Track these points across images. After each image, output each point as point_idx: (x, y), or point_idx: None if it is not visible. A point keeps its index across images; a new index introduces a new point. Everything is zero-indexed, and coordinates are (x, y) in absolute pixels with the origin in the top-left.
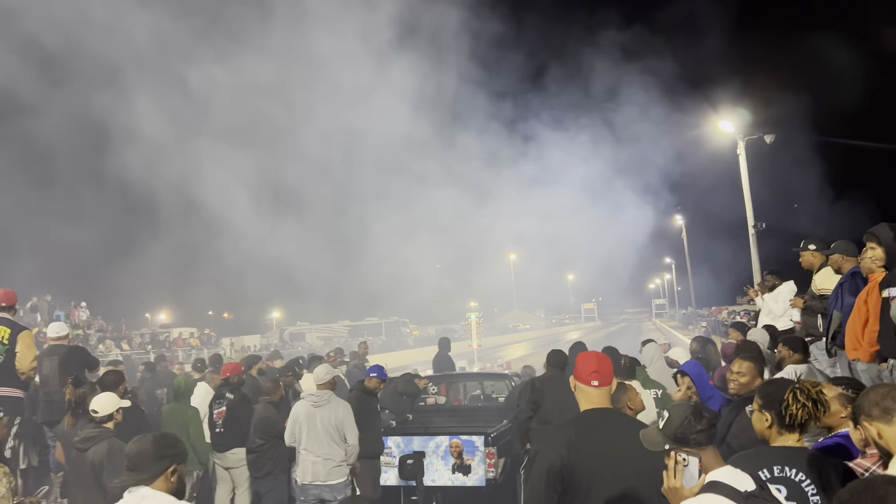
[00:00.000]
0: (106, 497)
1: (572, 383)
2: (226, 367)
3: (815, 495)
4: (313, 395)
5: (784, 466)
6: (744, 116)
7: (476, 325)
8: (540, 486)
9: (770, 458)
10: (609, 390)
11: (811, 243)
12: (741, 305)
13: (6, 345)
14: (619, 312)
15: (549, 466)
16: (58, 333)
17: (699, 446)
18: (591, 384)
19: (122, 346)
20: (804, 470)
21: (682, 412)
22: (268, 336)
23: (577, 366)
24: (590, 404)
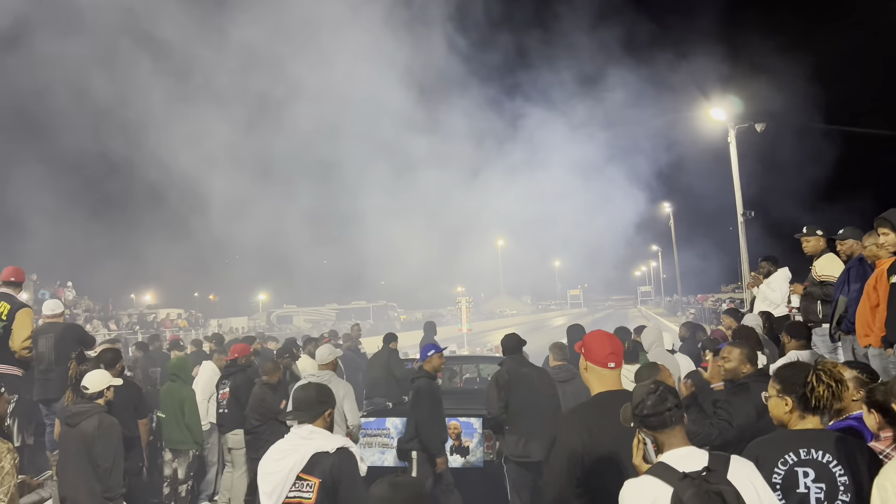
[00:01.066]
0: (96, 472)
1: (583, 364)
2: (234, 348)
3: (843, 475)
4: (314, 375)
5: (811, 449)
6: (735, 104)
7: (466, 309)
8: (561, 471)
9: (796, 442)
10: (620, 372)
11: (818, 229)
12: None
13: (4, 321)
14: (605, 299)
15: (570, 452)
16: (52, 311)
17: (652, 428)
18: (608, 366)
19: (110, 326)
20: (832, 451)
21: (641, 392)
22: (255, 318)
23: (591, 347)
24: (603, 386)
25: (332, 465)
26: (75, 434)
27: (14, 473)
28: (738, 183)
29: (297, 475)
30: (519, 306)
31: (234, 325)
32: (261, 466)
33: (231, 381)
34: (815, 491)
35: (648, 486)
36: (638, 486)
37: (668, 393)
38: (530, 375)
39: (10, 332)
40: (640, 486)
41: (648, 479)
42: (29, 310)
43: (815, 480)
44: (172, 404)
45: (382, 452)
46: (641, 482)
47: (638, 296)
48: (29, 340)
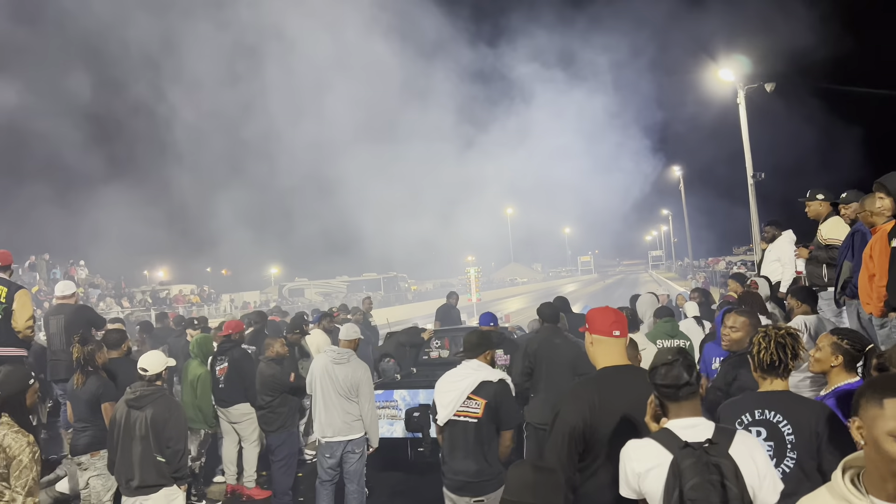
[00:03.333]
0: (164, 453)
1: (588, 339)
2: (227, 325)
3: (791, 434)
4: (335, 350)
5: (765, 409)
6: (744, 64)
7: (475, 279)
8: (562, 445)
9: (753, 403)
10: (626, 342)
11: (819, 192)
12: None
13: (3, 303)
14: (616, 265)
15: (571, 428)
16: (63, 292)
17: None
18: (612, 334)
19: (123, 303)
20: (782, 411)
21: (658, 360)
22: (267, 292)
23: (594, 319)
24: (609, 359)
25: (496, 391)
26: (141, 416)
27: (33, 467)
28: (747, 144)
29: (468, 395)
30: (530, 274)
31: (247, 299)
32: (439, 386)
33: (228, 357)
34: (766, 449)
35: (650, 450)
36: (640, 449)
37: (684, 368)
38: (562, 346)
39: (11, 314)
40: (642, 448)
41: (651, 443)
42: (27, 291)
43: (767, 439)
44: (187, 381)
45: (391, 424)
46: (644, 445)
47: (649, 260)
48: (31, 320)
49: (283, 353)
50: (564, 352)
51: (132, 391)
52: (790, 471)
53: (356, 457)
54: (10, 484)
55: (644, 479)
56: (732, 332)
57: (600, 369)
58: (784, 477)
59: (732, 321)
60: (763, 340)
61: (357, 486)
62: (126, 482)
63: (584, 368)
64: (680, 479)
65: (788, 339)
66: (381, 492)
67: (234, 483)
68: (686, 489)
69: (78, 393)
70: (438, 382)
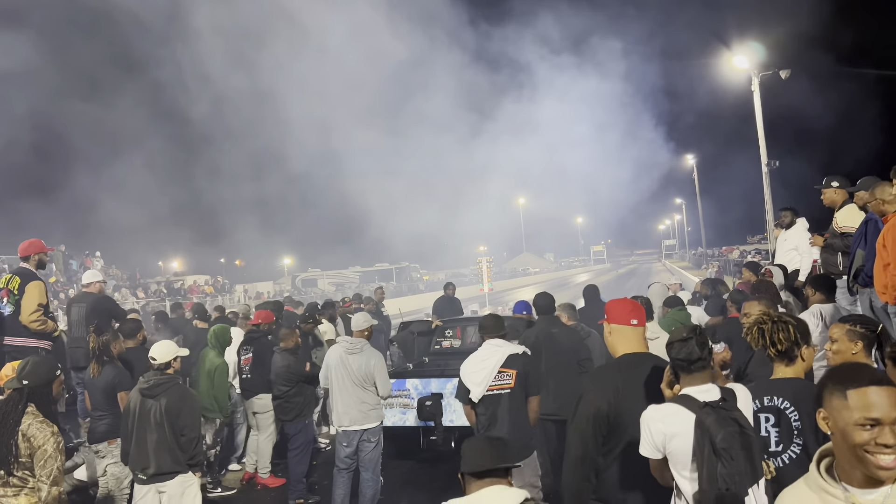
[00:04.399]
0: (178, 441)
1: (607, 329)
2: (258, 314)
3: (797, 420)
4: (348, 341)
5: (773, 396)
6: (758, 51)
7: (487, 269)
8: (586, 429)
9: (763, 390)
10: (645, 330)
11: (834, 180)
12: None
13: (16, 295)
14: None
15: (595, 411)
16: (87, 281)
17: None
18: (630, 323)
19: (138, 294)
20: (789, 398)
21: (674, 336)
22: (280, 283)
23: (612, 310)
24: (628, 346)
25: (524, 361)
26: (156, 405)
27: (58, 456)
28: (762, 132)
29: (499, 369)
30: (542, 264)
31: (260, 289)
32: (467, 368)
33: (255, 347)
34: (774, 435)
35: (673, 412)
36: (663, 412)
37: (697, 345)
38: (560, 336)
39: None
40: (665, 411)
41: (673, 406)
42: (38, 282)
43: (774, 425)
44: (203, 370)
45: (403, 413)
46: (666, 408)
47: (662, 250)
48: (36, 313)
49: (297, 343)
50: (563, 341)
51: (145, 380)
52: (796, 456)
53: (372, 445)
54: (35, 473)
55: (671, 438)
56: (746, 318)
57: (620, 356)
58: (791, 463)
59: (748, 308)
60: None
61: (372, 475)
62: (142, 470)
63: (584, 354)
64: (709, 434)
65: (769, 325)
66: (395, 480)
67: (251, 472)
68: (717, 441)
69: (94, 382)
70: (464, 365)
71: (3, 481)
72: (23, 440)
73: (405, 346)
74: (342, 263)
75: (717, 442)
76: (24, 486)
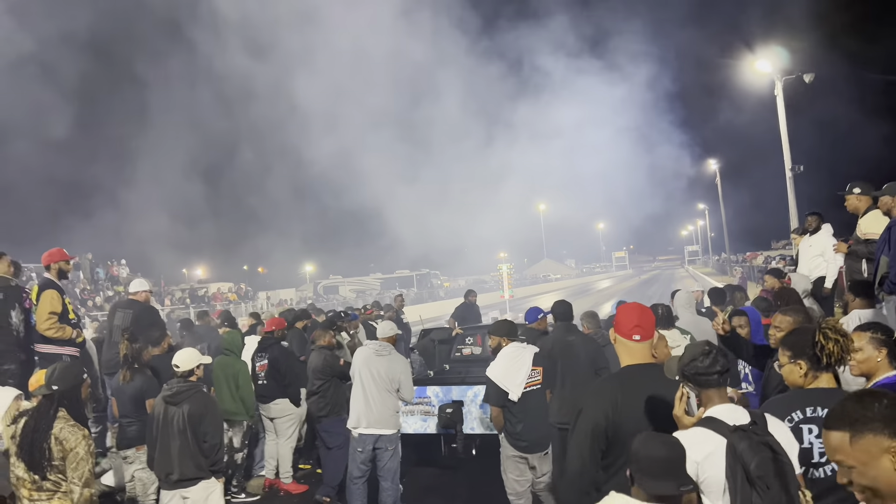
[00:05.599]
0: (201, 447)
1: (612, 336)
2: (270, 322)
3: None
4: (377, 343)
5: (816, 406)
6: (781, 55)
7: (507, 275)
8: (584, 443)
9: (804, 400)
10: (651, 344)
11: (856, 186)
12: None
13: (35, 304)
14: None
15: (594, 425)
16: (134, 289)
17: (700, 386)
18: (632, 338)
19: (165, 302)
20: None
21: (695, 352)
22: (302, 289)
23: (619, 319)
24: (631, 359)
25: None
26: (179, 412)
27: (89, 459)
28: (785, 137)
29: (531, 368)
30: (563, 270)
31: (283, 296)
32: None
33: (269, 354)
34: (818, 446)
35: (704, 438)
36: (693, 437)
37: (719, 356)
38: (576, 343)
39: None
40: (694, 436)
41: (702, 430)
42: (51, 291)
43: (818, 436)
44: (226, 377)
45: (424, 420)
46: (696, 434)
47: (685, 256)
48: (49, 321)
49: (332, 342)
50: (580, 349)
51: (169, 387)
52: None
53: (389, 453)
54: (66, 476)
55: (703, 465)
56: (777, 331)
57: (623, 367)
58: (833, 474)
59: (778, 320)
60: (831, 333)
61: (391, 484)
62: (166, 476)
63: (602, 363)
64: (742, 460)
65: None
66: (415, 488)
67: (272, 478)
68: (751, 469)
69: (123, 388)
70: (497, 368)
71: (36, 485)
72: (55, 443)
73: (426, 354)
74: (363, 270)
75: (751, 470)
76: (58, 489)
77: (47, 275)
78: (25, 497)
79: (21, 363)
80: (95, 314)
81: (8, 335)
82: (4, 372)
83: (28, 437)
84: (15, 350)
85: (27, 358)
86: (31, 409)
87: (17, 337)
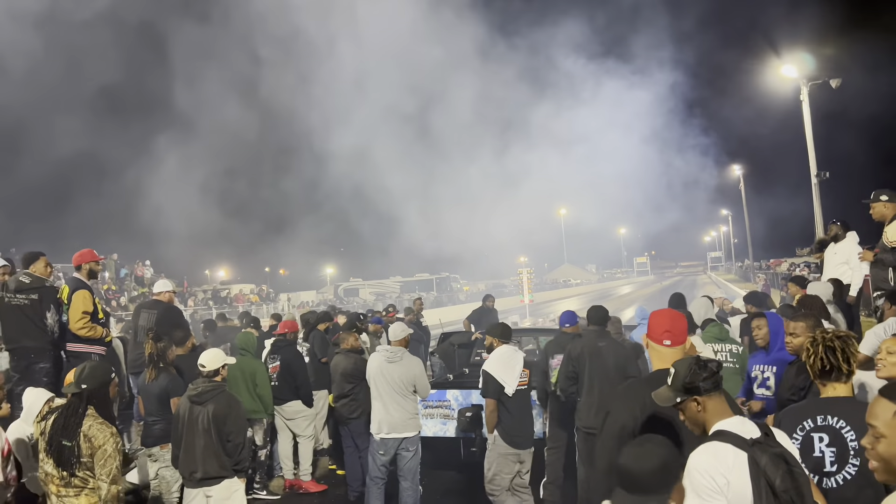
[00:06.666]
0: (225, 447)
1: (644, 341)
2: (283, 324)
3: (854, 441)
4: (388, 350)
5: (827, 415)
6: (807, 61)
7: (527, 280)
8: (612, 444)
9: (815, 409)
10: (683, 349)
11: (883, 194)
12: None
13: (66, 304)
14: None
15: (622, 426)
16: (158, 290)
17: (708, 393)
18: (663, 343)
19: (188, 303)
20: (846, 417)
21: (687, 364)
22: (323, 292)
23: (650, 324)
24: (662, 364)
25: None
26: (203, 411)
27: (116, 456)
28: (811, 143)
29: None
30: (584, 275)
31: (304, 298)
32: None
33: (281, 356)
34: (828, 455)
35: (724, 451)
36: (713, 451)
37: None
38: (606, 349)
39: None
40: (715, 450)
41: (721, 444)
42: (83, 291)
43: (829, 445)
44: (243, 376)
45: (444, 423)
46: (715, 447)
47: (708, 262)
48: (82, 321)
49: (357, 346)
50: (609, 355)
51: (194, 387)
52: (851, 478)
53: (410, 454)
54: (95, 473)
55: (731, 479)
56: (793, 337)
57: (654, 371)
58: (845, 484)
59: (791, 327)
60: (811, 346)
61: (411, 483)
62: (190, 474)
63: (633, 371)
64: (766, 475)
65: (838, 343)
66: (434, 490)
67: (290, 478)
68: (776, 484)
69: (149, 388)
70: (494, 364)
71: (65, 482)
72: (84, 441)
73: (446, 358)
74: (383, 273)
75: (776, 485)
76: (85, 486)
77: (77, 275)
78: (54, 493)
79: (55, 363)
80: (120, 314)
81: (43, 335)
82: (39, 370)
83: (57, 434)
84: (50, 349)
85: (60, 357)
86: (61, 406)
87: (52, 337)
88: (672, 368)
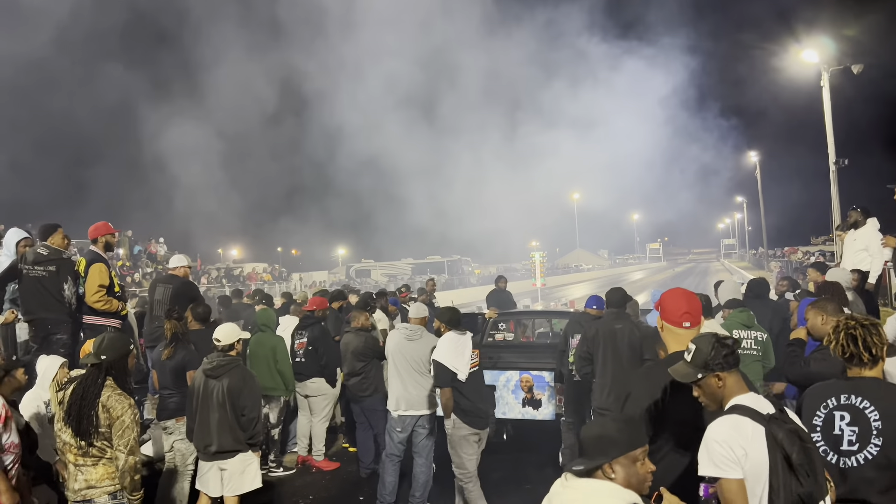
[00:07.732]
0: (239, 420)
1: (659, 323)
2: (312, 301)
3: (878, 420)
4: (407, 328)
5: (850, 395)
6: (828, 46)
7: (540, 264)
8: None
9: (840, 389)
10: (698, 330)
11: None
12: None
13: (83, 277)
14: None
15: (644, 410)
16: (174, 265)
17: (727, 369)
18: (682, 325)
19: (202, 280)
20: (870, 398)
21: (709, 341)
22: (335, 272)
23: (666, 306)
24: (679, 345)
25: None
26: (218, 385)
27: (134, 427)
28: (830, 129)
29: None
30: (596, 260)
31: (315, 278)
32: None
33: (309, 333)
34: (848, 433)
35: (743, 424)
36: (733, 423)
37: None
38: (621, 331)
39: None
40: (734, 422)
41: (740, 418)
42: (99, 264)
43: (850, 424)
44: (264, 352)
45: None
46: (735, 420)
47: (721, 249)
48: (98, 294)
49: (368, 324)
50: (625, 337)
51: (209, 361)
52: (872, 458)
53: (426, 432)
54: (112, 444)
55: (748, 454)
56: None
57: (672, 353)
58: (866, 463)
59: (812, 314)
60: (833, 333)
61: (425, 460)
62: (204, 447)
63: (650, 353)
64: (783, 449)
65: (860, 331)
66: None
67: (304, 454)
68: (793, 458)
69: (165, 361)
70: (443, 353)
71: (83, 451)
72: (102, 411)
73: None
74: (395, 255)
75: (793, 459)
76: (103, 455)
77: (93, 248)
78: (71, 462)
79: (72, 334)
80: (134, 289)
81: (61, 306)
82: (56, 342)
83: (76, 404)
84: (67, 321)
85: (77, 329)
86: (80, 376)
87: (70, 308)
88: (692, 345)
